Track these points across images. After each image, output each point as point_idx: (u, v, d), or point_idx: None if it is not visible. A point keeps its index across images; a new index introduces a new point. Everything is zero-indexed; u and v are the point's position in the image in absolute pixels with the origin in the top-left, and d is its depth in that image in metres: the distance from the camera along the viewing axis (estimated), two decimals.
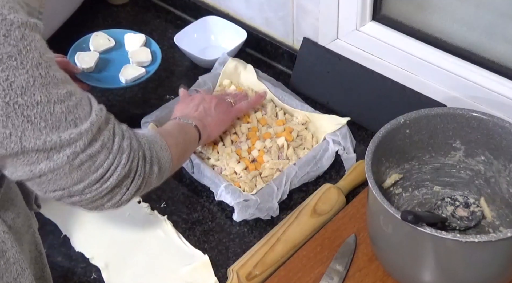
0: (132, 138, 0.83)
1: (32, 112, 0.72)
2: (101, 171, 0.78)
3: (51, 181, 0.76)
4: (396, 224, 0.85)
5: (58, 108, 0.74)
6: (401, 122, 0.96)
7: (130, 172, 0.82)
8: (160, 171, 0.89)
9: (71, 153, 0.75)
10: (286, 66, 1.42)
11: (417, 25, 1.30)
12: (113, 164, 0.79)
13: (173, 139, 0.96)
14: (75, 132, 0.75)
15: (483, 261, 0.85)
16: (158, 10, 1.65)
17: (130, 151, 0.82)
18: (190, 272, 1.04)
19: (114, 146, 0.80)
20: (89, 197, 0.79)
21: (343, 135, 1.18)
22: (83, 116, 0.77)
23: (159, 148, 0.90)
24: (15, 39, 0.70)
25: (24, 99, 0.71)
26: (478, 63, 1.23)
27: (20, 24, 0.70)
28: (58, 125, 0.74)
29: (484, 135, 0.97)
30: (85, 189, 0.78)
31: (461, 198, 1.03)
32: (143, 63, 1.30)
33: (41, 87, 0.72)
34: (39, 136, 0.73)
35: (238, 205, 1.08)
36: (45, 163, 0.74)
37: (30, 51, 0.71)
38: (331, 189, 1.11)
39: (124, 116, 1.33)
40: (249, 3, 1.44)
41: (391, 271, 0.97)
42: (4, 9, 0.70)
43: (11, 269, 0.82)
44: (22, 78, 0.70)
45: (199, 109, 1.12)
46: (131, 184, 0.83)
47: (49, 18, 1.24)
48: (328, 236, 1.05)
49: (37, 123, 0.72)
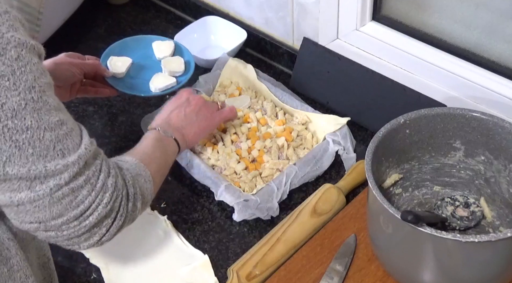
0: (118, 177, 0.81)
1: (21, 137, 0.69)
2: (82, 208, 0.76)
3: (29, 212, 0.73)
4: (396, 224, 0.85)
5: (47, 136, 0.71)
6: (401, 122, 0.96)
7: (111, 212, 0.79)
8: (143, 204, 0.87)
9: (54, 185, 0.72)
10: (286, 66, 1.42)
11: (417, 25, 1.30)
12: (94, 201, 0.77)
13: (155, 165, 0.93)
14: (61, 163, 0.72)
15: (483, 261, 0.85)
16: (158, 10, 1.65)
17: (113, 190, 0.79)
18: (190, 272, 1.04)
19: (98, 183, 0.77)
20: (66, 234, 0.77)
21: (343, 135, 1.18)
22: (72, 147, 0.74)
23: (143, 181, 0.88)
24: (10, 58, 0.68)
25: (14, 122, 0.69)
26: (478, 63, 1.23)
27: (17, 44, 0.68)
28: (45, 154, 0.71)
29: (484, 135, 0.97)
30: (62, 225, 0.76)
31: (461, 198, 1.03)
32: (175, 73, 1.26)
33: (32, 112, 0.70)
34: (24, 163, 0.70)
35: (238, 205, 1.08)
36: (26, 192, 0.72)
37: (25, 73, 0.69)
38: (331, 189, 1.11)
39: (124, 116, 1.35)
40: (249, 3, 1.44)
41: (391, 271, 0.97)
42: (2, 27, 0.68)
43: (14, 276, 0.82)
44: (14, 100, 0.68)
45: (180, 115, 1.09)
46: (112, 224, 0.80)
47: (49, 18, 1.24)
48: (328, 236, 1.05)
49: (25, 149, 0.70)
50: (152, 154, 0.97)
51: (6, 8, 0.69)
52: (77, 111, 1.35)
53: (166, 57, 1.29)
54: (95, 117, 1.34)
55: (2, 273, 0.81)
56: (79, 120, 1.31)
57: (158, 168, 0.94)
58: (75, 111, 1.35)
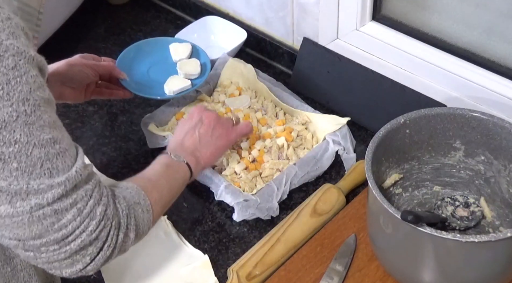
0: (109, 206, 0.77)
1: (8, 150, 0.66)
2: (64, 232, 0.72)
3: (8, 227, 0.70)
4: (396, 224, 0.85)
5: (36, 153, 0.68)
6: (401, 122, 0.96)
7: (97, 241, 0.75)
8: (137, 235, 0.83)
9: (35, 203, 0.69)
10: (286, 66, 1.42)
11: (417, 25, 1.30)
12: (79, 227, 0.73)
13: (157, 194, 0.89)
14: (46, 183, 0.69)
15: (483, 261, 0.85)
16: (158, 10, 1.65)
17: (101, 219, 0.75)
18: (190, 272, 1.04)
19: (86, 209, 0.73)
20: (44, 256, 0.73)
21: (343, 135, 1.18)
22: (61, 168, 0.71)
23: (140, 211, 0.83)
24: (6, 67, 0.65)
25: (2, 134, 0.65)
26: (478, 63, 1.23)
27: (16, 53, 0.66)
28: (30, 171, 0.68)
29: (484, 135, 0.97)
30: (41, 247, 0.72)
31: (461, 198, 1.03)
32: (191, 76, 1.25)
33: (23, 126, 0.67)
34: (6, 177, 0.67)
35: (238, 205, 1.08)
36: (5, 206, 0.68)
37: (20, 83, 0.66)
38: (331, 189, 1.11)
39: (124, 116, 1.34)
40: (249, 3, 1.44)
41: (391, 271, 0.97)
42: (2, 33, 0.65)
43: (18, 275, 0.82)
44: (5, 111, 0.65)
45: (194, 137, 1.04)
46: (97, 254, 0.76)
47: (49, 18, 1.24)
48: (328, 236, 1.05)
49: (9, 162, 0.67)
50: (157, 181, 0.92)
51: (8, 14, 0.67)
52: (77, 111, 1.35)
53: (183, 60, 1.28)
54: (95, 117, 1.34)
55: (6, 272, 0.81)
56: (79, 120, 1.34)
57: (160, 197, 0.89)
58: (75, 111, 1.35)
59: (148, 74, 1.28)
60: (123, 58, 1.27)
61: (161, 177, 0.94)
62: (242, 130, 1.13)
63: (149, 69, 1.29)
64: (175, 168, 0.98)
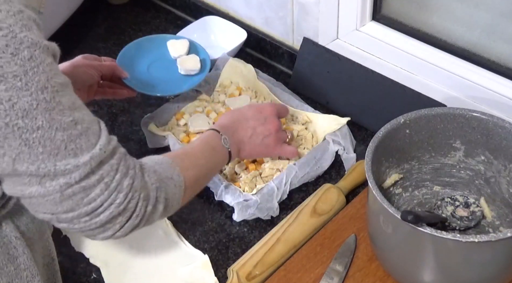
0: (136, 178, 0.79)
1: (32, 136, 0.69)
2: (93, 205, 0.75)
3: (41, 204, 0.74)
4: (396, 224, 0.85)
5: (59, 136, 0.71)
6: (401, 122, 0.96)
7: (125, 211, 0.78)
8: (166, 208, 0.85)
9: (64, 183, 0.72)
10: (286, 66, 1.42)
11: (417, 25, 1.30)
12: (107, 200, 0.76)
13: (193, 173, 0.91)
14: (72, 163, 0.72)
15: (483, 261, 0.85)
16: (158, 10, 1.65)
17: (129, 191, 0.78)
18: (190, 272, 1.04)
19: (113, 183, 0.76)
20: (77, 227, 0.77)
21: (343, 135, 1.18)
22: (85, 147, 0.74)
23: (172, 186, 0.85)
24: (22, 59, 0.67)
25: (25, 122, 0.68)
26: (478, 63, 1.23)
27: (30, 44, 0.68)
28: (56, 153, 0.71)
29: (484, 135, 0.97)
30: (73, 219, 0.76)
31: (461, 198, 1.03)
32: (192, 72, 1.26)
33: (44, 112, 0.69)
34: (34, 161, 0.70)
35: (238, 205, 1.08)
36: (36, 187, 0.72)
37: (37, 73, 0.69)
38: (331, 189, 1.11)
39: (124, 116, 1.34)
40: (249, 3, 1.44)
41: (391, 271, 0.97)
42: (15, 27, 0.67)
43: (21, 275, 0.82)
44: (26, 100, 0.68)
45: (248, 130, 1.06)
46: (126, 222, 0.79)
47: (49, 18, 1.24)
48: (328, 236, 1.05)
49: (35, 147, 0.70)
50: (196, 160, 0.94)
51: (20, 7, 0.69)
52: None
53: (182, 56, 1.29)
54: None
55: (9, 271, 0.82)
56: None
57: (196, 176, 0.91)
58: None
59: (148, 72, 1.28)
60: (123, 57, 1.27)
61: (202, 156, 0.96)
62: (287, 153, 1.13)
63: (149, 67, 1.29)
64: (218, 152, 1.00)
